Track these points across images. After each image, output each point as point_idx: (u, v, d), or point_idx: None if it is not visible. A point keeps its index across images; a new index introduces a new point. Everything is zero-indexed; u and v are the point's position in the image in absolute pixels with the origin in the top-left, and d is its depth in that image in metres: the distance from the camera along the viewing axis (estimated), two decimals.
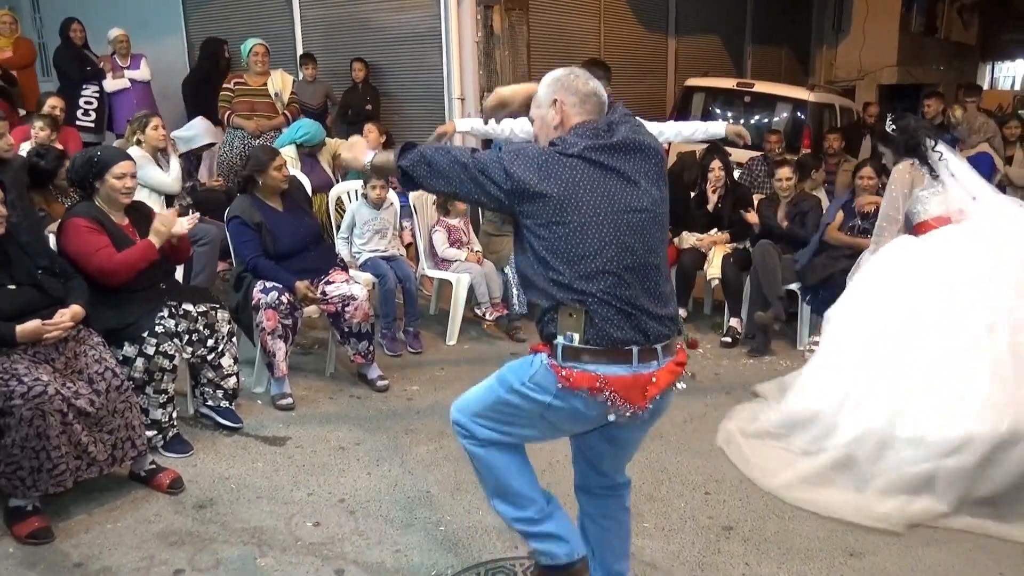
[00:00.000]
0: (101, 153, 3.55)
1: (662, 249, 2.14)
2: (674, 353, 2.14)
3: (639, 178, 2.09)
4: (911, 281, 3.61)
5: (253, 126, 6.23)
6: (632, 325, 2.05)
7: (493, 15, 6.99)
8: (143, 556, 2.82)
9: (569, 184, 2.03)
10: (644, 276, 2.08)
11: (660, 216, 2.13)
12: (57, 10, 7.92)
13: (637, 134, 2.14)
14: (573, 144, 2.08)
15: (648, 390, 2.06)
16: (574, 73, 2.19)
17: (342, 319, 4.17)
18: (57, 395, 2.81)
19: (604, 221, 2.03)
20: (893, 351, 3.45)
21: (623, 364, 2.04)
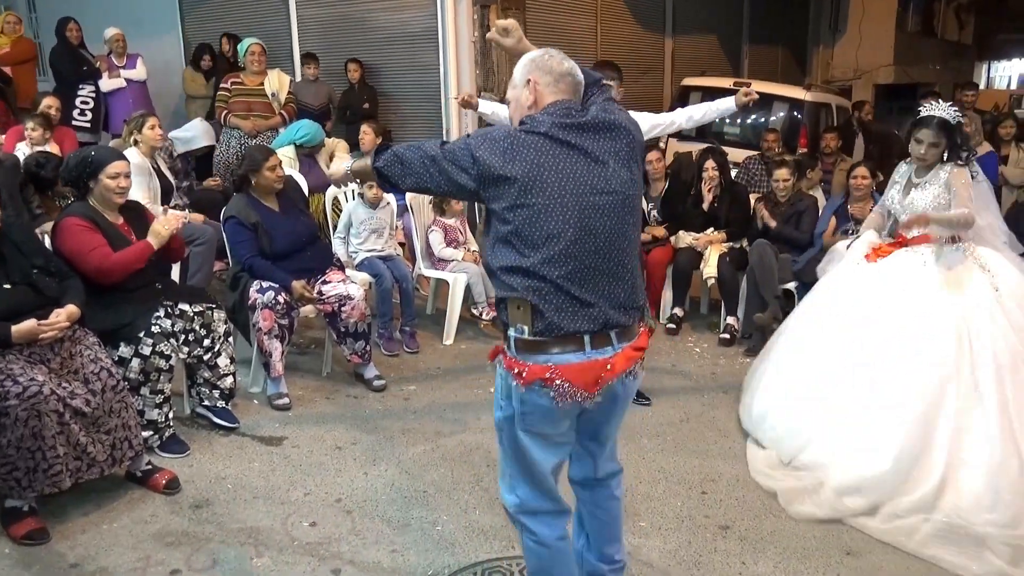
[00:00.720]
0: (95, 153, 3.54)
1: (632, 233, 2.09)
2: (632, 338, 2.09)
3: (607, 158, 2.04)
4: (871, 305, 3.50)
5: (250, 126, 6.23)
6: (587, 314, 2.01)
7: (490, 15, 6.99)
8: (139, 556, 2.82)
9: (533, 165, 1.99)
10: (608, 260, 2.03)
11: (630, 198, 2.08)
12: (53, 10, 7.90)
13: (609, 113, 2.09)
14: (541, 123, 2.04)
15: (602, 376, 2.03)
16: (548, 53, 2.16)
17: (339, 319, 4.17)
18: (52, 395, 2.80)
19: (568, 203, 1.99)
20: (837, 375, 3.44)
21: (575, 352, 2.02)
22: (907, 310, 3.37)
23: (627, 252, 2.08)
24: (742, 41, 11.31)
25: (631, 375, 2.11)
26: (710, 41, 10.70)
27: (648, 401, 4.13)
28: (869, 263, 3.59)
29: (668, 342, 5.15)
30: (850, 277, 3.66)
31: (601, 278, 2.03)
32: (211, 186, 5.95)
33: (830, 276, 3.86)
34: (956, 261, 3.44)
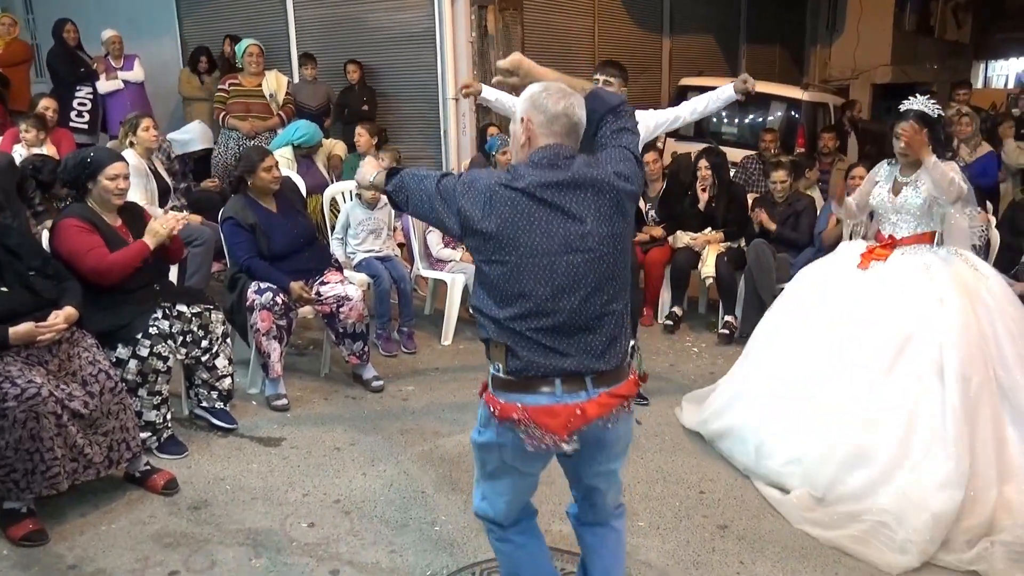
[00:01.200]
0: (94, 154, 3.54)
1: (611, 287, 2.02)
2: (613, 383, 2.03)
3: (586, 216, 1.98)
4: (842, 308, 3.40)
5: (248, 127, 6.23)
6: (560, 361, 1.99)
7: (487, 15, 7.00)
8: (138, 558, 2.82)
9: (508, 222, 1.98)
10: (584, 316, 1.99)
11: (608, 256, 2.01)
12: (50, 11, 7.89)
13: (593, 168, 2.03)
14: (521, 177, 2.00)
15: (571, 421, 1.98)
16: (548, 90, 2.08)
17: (337, 320, 4.17)
18: (51, 397, 2.80)
19: (541, 262, 1.97)
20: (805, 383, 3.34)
21: (545, 394, 2.00)
22: (913, 314, 3.22)
23: (607, 304, 2.02)
24: (740, 41, 11.32)
25: (610, 421, 2.04)
26: (708, 41, 10.71)
27: (647, 401, 4.13)
28: (862, 269, 3.46)
29: (666, 342, 5.15)
30: (844, 280, 3.51)
31: (576, 333, 2.01)
32: (209, 187, 5.95)
33: (814, 279, 3.67)
34: (955, 263, 3.35)
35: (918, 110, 3.38)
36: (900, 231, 3.46)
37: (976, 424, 3.03)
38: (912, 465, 2.99)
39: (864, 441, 3.10)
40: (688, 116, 4.08)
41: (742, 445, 3.44)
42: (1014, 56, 21.02)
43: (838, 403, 3.22)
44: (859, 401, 3.18)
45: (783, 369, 3.47)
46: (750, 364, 3.69)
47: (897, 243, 3.46)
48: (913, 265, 3.37)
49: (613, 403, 2.03)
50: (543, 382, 2.00)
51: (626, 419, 2.10)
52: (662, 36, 9.93)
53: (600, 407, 2.01)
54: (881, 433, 3.09)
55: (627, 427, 2.13)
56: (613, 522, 2.29)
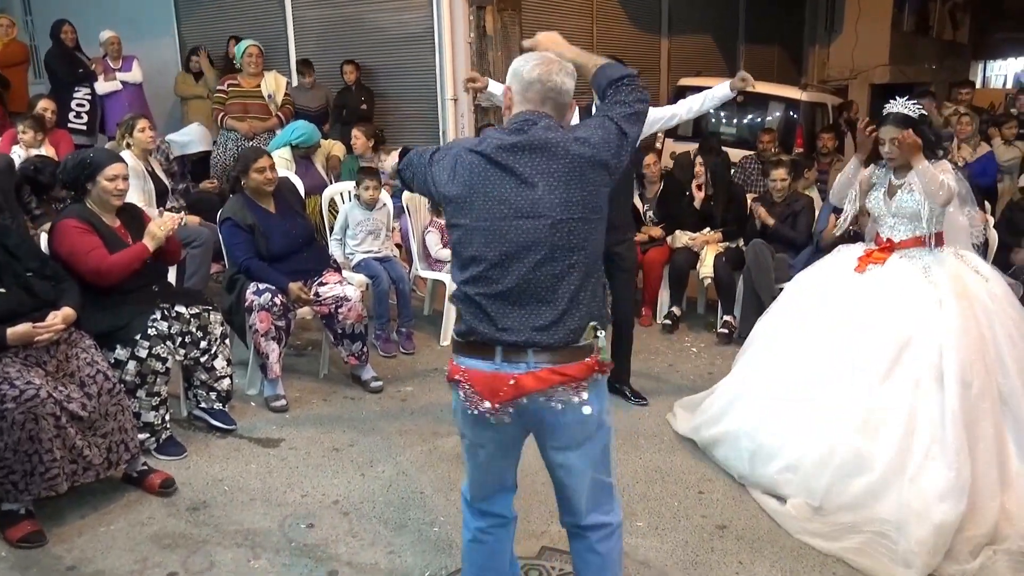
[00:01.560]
0: (94, 155, 3.55)
1: (567, 258, 1.98)
2: (556, 361, 1.98)
3: (537, 180, 1.96)
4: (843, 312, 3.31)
5: (246, 128, 6.23)
6: (501, 326, 1.99)
7: (486, 16, 7.00)
8: (136, 559, 2.82)
9: (467, 186, 2.01)
10: (534, 284, 1.98)
11: (563, 224, 1.96)
12: (48, 12, 7.89)
13: (550, 131, 2.00)
14: (484, 141, 2.03)
15: (504, 391, 1.97)
16: (526, 58, 2.10)
17: (335, 320, 4.17)
18: (49, 398, 2.80)
19: (491, 227, 1.98)
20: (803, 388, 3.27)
21: (485, 360, 2.01)
22: (912, 317, 3.14)
23: (561, 276, 1.98)
24: (738, 41, 11.32)
25: (552, 400, 2.00)
26: (706, 41, 10.71)
27: (645, 401, 4.14)
28: (859, 273, 3.39)
29: (665, 342, 5.16)
30: (842, 283, 3.43)
31: (524, 302, 1.99)
32: (207, 188, 5.95)
33: (812, 281, 3.61)
34: (954, 266, 3.28)
35: (897, 113, 3.33)
36: (897, 234, 3.39)
37: (977, 431, 2.97)
38: (912, 474, 2.92)
39: (862, 447, 3.04)
40: (685, 114, 4.09)
41: (736, 451, 3.37)
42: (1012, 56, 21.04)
43: (835, 407, 3.16)
44: (857, 406, 3.12)
45: (780, 372, 3.41)
46: (747, 368, 3.63)
47: (896, 246, 3.38)
48: (912, 268, 3.30)
49: (554, 380, 1.98)
50: (486, 348, 2.01)
51: (576, 407, 2.01)
52: (660, 36, 9.93)
53: (537, 381, 1.97)
54: (879, 439, 3.03)
55: (581, 417, 2.03)
56: (596, 544, 2.18)
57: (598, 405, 2.07)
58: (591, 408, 2.03)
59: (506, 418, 2.02)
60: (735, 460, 3.38)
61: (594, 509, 2.19)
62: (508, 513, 2.30)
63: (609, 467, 2.20)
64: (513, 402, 1.99)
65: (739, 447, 3.37)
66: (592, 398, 2.04)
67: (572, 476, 2.15)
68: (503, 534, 2.31)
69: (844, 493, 3.01)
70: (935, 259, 3.31)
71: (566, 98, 2.10)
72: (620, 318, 4.20)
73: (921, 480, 2.91)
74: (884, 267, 3.36)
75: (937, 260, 3.31)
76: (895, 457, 2.98)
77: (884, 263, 3.37)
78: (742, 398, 3.53)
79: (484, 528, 2.27)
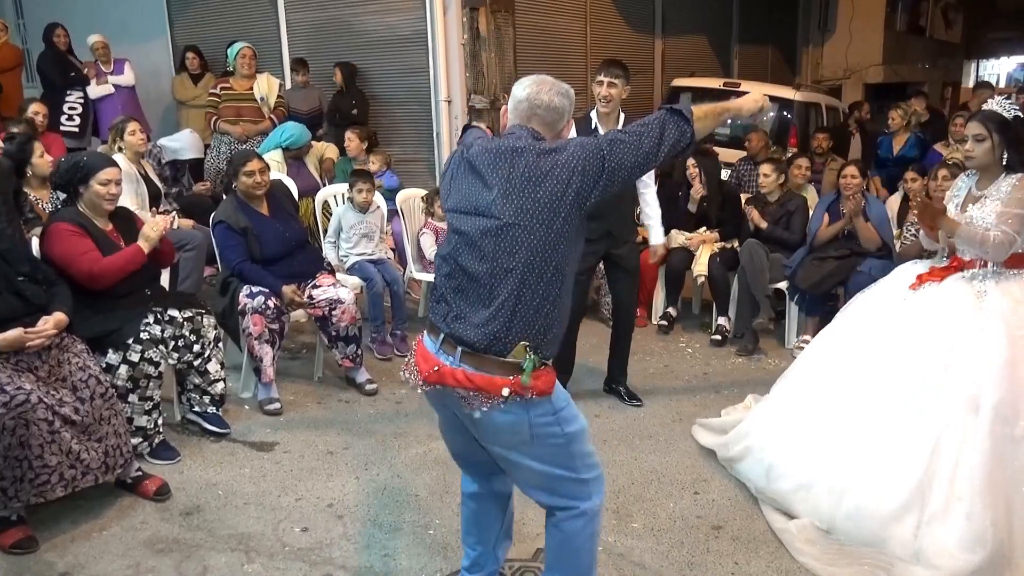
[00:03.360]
0: (87, 158, 3.52)
1: (511, 261, 2.03)
2: (479, 370, 2.04)
3: (495, 184, 2.06)
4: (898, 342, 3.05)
5: (239, 131, 6.23)
6: (447, 315, 2.12)
7: (479, 17, 6.98)
8: (129, 564, 2.80)
9: (448, 181, 2.23)
10: (477, 283, 2.07)
11: (514, 228, 2.02)
12: (41, 15, 7.85)
13: (516, 140, 2.11)
14: (474, 146, 2.19)
15: (430, 373, 2.11)
16: (523, 80, 2.23)
17: (329, 323, 4.16)
18: (40, 403, 2.78)
19: (455, 219, 2.16)
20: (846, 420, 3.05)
21: (432, 340, 2.16)
22: (950, 344, 2.89)
23: (498, 281, 2.04)
24: (731, 41, 11.33)
25: (466, 401, 2.06)
26: (700, 42, 10.72)
27: (640, 402, 4.13)
28: (913, 291, 3.11)
29: (660, 342, 5.15)
30: (892, 303, 3.19)
31: (468, 295, 2.09)
32: (200, 192, 5.94)
33: (867, 301, 3.35)
34: (1020, 295, 2.92)
35: (987, 110, 3.02)
36: (967, 253, 3.04)
37: (1016, 475, 2.70)
38: (932, 512, 2.72)
39: (880, 476, 2.85)
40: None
41: (755, 465, 3.25)
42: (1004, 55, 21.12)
43: (858, 432, 2.98)
44: (882, 433, 2.91)
45: (811, 391, 3.26)
46: (786, 384, 3.47)
47: (964, 265, 3.05)
48: (966, 291, 2.97)
49: (466, 384, 2.05)
50: (435, 330, 2.16)
51: (489, 416, 2.05)
52: (654, 37, 9.93)
53: (453, 379, 2.07)
54: (899, 469, 2.83)
55: (506, 421, 2.06)
56: (560, 523, 2.22)
57: (525, 418, 2.07)
58: (509, 417, 2.06)
59: (429, 396, 2.20)
60: (753, 473, 3.26)
61: (555, 496, 2.21)
62: (489, 489, 2.40)
63: (574, 464, 2.17)
64: (434, 386, 2.13)
65: (758, 460, 3.26)
66: (516, 409, 2.05)
67: (511, 469, 2.23)
68: (488, 503, 2.43)
69: (856, 521, 2.86)
70: (997, 284, 2.96)
71: (555, 115, 2.19)
72: (620, 320, 4.21)
73: (941, 520, 2.71)
74: (939, 287, 3.07)
75: (1000, 285, 2.96)
76: (914, 491, 2.78)
77: (941, 282, 3.07)
78: (770, 414, 3.44)
79: (469, 492, 2.45)
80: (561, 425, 2.12)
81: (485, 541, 2.45)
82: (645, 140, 2.06)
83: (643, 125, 2.09)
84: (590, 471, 2.21)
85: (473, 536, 2.46)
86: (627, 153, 2.06)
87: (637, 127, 2.10)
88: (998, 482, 2.70)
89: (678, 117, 2.10)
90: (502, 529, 2.48)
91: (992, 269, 3.00)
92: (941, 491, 2.74)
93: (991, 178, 3.04)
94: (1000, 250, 2.93)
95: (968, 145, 3.07)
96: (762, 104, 2.36)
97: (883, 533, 2.79)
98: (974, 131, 3.03)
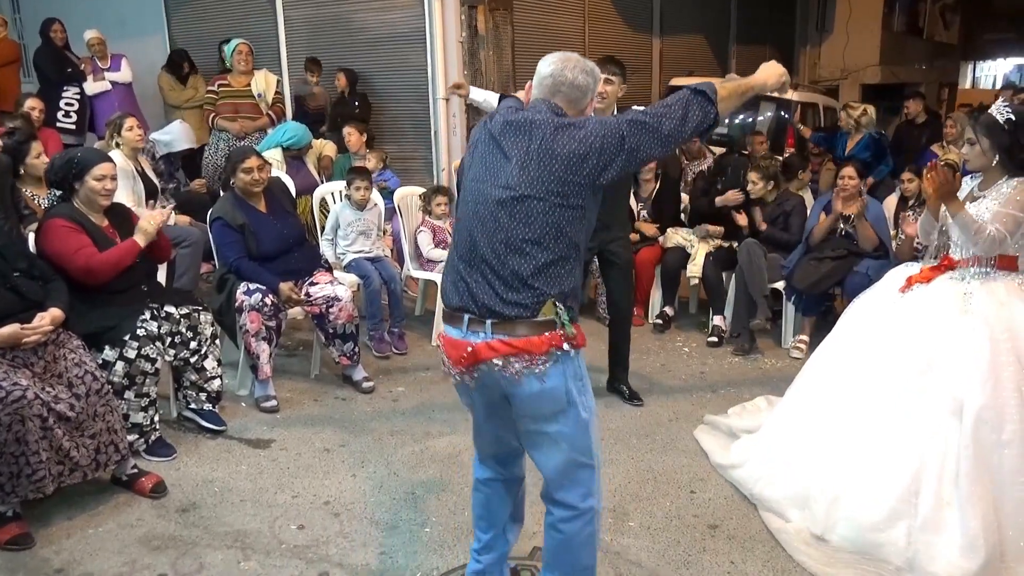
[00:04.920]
0: (81, 154, 3.52)
1: (527, 232, 2.07)
2: (513, 335, 2.07)
3: (513, 155, 2.10)
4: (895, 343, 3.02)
5: (237, 128, 6.21)
6: (468, 294, 2.12)
7: (477, 15, 6.98)
8: (125, 561, 2.80)
9: (469, 154, 2.25)
10: (493, 252, 2.09)
11: (526, 199, 2.06)
12: (38, 11, 7.83)
13: (536, 113, 2.14)
14: (495, 116, 2.22)
15: (464, 357, 2.11)
16: (549, 56, 2.24)
17: (326, 320, 4.15)
18: (36, 400, 2.78)
19: (474, 191, 2.16)
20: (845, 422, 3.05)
21: (456, 328, 2.15)
22: (933, 347, 2.89)
23: (517, 248, 2.07)
24: (729, 41, 11.34)
25: (506, 370, 2.08)
26: (697, 41, 10.72)
27: (641, 402, 4.13)
28: (903, 293, 3.11)
29: (657, 342, 5.16)
30: (884, 305, 3.18)
31: (484, 266, 2.11)
32: (196, 188, 5.93)
33: (862, 305, 3.34)
34: (1005, 296, 2.90)
35: (985, 115, 3.00)
36: (958, 252, 3.07)
37: (1005, 482, 2.69)
38: (923, 518, 2.73)
39: (870, 483, 2.85)
40: None
41: (750, 472, 3.27)
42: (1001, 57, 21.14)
43: (850, 438, 2.98)
44: (870, 438, 2.92)
45: (805, 398, 3.28)
46: (788, 393, 3.47)
47: (955, 264, 3.06)
48: (952, 291, 2.98)
49: (505, 350, 2.07)
50: (456, 317, 2.15)
51: (532, 379, 2.08)
52: (652, 36, 9.94)
53: (490, 350, 2.08)
54: (889, 474, 2.82)
55: (541, 389, 2.09)
56: (559, 523, 2.23)
57: (563, 381, 2.11)
58: (550, 382, 2.09)
59: (471, 383, 2.17)
60: (748, 480, 3.26)
61: (567, 487, 2.22)
62: (504, 475, 2.41)
63: (590, 449, 2.21)
64: (473, 369, 2.12)
65: (754, 467, 3.28)
66: (554, 372, 2.09)
67: (539, 450, 2.22)
68: (500, 489, 2.43)
69: (849, 527, 2.86)
70: (984, 284, 2.96)
71: (578, 93, 2.21)
72: (617, 315, 4.21)
73: (933, 527, 2.71)
74: (927, 287, 3.07)
75: (986, 286, 2.95)
76: (903, 498, 2.78)
77: (929, 282, 3.07)
78: (770, 421, 3.46)
79: (482, 479, 2.44)
80: (587, 395, 2.19)
81: (496, 524, 2.47)
82: (666, 122, 2.08)
83: (666, 106, 2.11)
84: (598, 459, 2.26)
85: (485, 520, 2.47)
86: (647, 134, 2.08)
87: (660, 108, 2.11)
88: (986, 487, 2.70)
89: (702, 98, 2.10)
90: (513, 512, 2.50)
91: (980, 270, 3.00)
92: (929, 497, 2.74)
93: (993, 180, 3.04)
94: (989, 245, 2.94)
95: (964, 149, 3.11)
96: (784, 77, 2.37)
97: (877, 540, 2.79)
98: (967, 135, 3.07)
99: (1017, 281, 2.97)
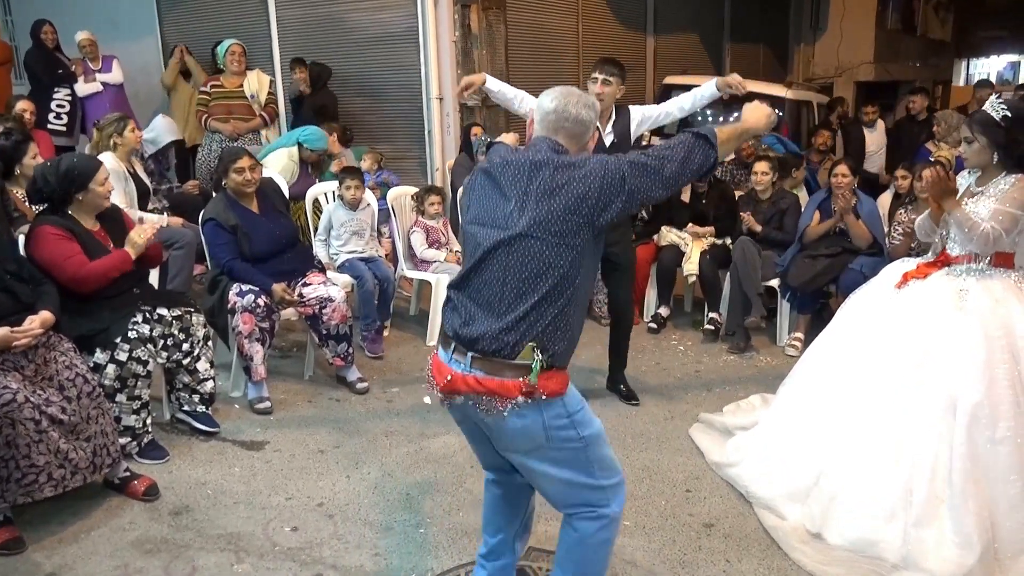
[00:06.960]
0: (77, 162, 3.40)
1: (522, 271, 2.05)
2: (489, 374, 2.05)
3: (512, 195, 2.10)
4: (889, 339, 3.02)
5: (230, 129, 6.20)
6: (459, 322, 2.12)
7: (470, 14, 6.96)
8: (117, 565, 2.78)
9: (468, 193, 2.25)
10: (489, 289, 2.09)
11: (524, 239, 2.04)
12: (29, 12, 7.79)
13: (538, 153, 2.14)
14: (494, 157, 2.22)
15: (444, 383, 2.12)
16: (551, 91, 2.24)
17: (320, 321, 4.13)
18: (27, 403, 2.75)
19: (470, 230, 2.18)
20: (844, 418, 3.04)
21: (444, 351, 2.17)
22: (927, 344, 2.88)
23: (512, 290, 2.06)
24: (723, 39, 11.33)
25: (479, 406, 2.07)
26: (692, 39, 10.72)
27: (637, 402, 4.13)
28: (898, 290, 3.10)
29: (652, 340, 5.15)
30: (880, 301, 3.17)
31: (477, 298, 2.11)
32: (189, 190, 5.90)
33: (857, 302, 3.32)
34: (1001, 293, 2.89)
35: (980, 112, 2.99)
36: (955, 248, 3.04)
37: (998, 479, 2.70)
38: (918, 515, 2.73)
39: (865, 481, 2.85)
40: (677, 113, 4.08)
41: (746, 470, 3.26)
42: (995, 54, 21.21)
43: (846, 436, 2.98)
44: (865, 436, 2.92)
45: (801, 396, 3.27)
46: (783, 390, 3.49)
47: (951, 261, 3.04)
48: (947, 287, 2.96)
49: (478, 389, 2.07)
50: (447, 341, 2.17)
51: (504, 419, 2.05)
52: (646, 35, 9.93)
53: (465, 384, 2.09)
54: (883, 473, 2.83)
55: (514, 428, 2.07)
56: (574, 522, 2.23)
57: (540, 420, 2.07)
58: (524, 421, 2.06)
59: (448, 408, 2.20)
60: (744, 478, 3.26)
61: (573, 502, 2.21)
62: (509, 480, 2.40)
63: (591, 470, 2.17)
64: (450, 395, 2.14)
65: (749, 465, 3.28)
66: (530, 412, 2.05)
67: (532, 477, 2.23)
68: (511, 492, 2.41)
69: (844, 525, 2.86)
70: (979, 281, 2.95)
71: (581, 128, 2.22)
72: (618, 316, 4.20)
73: (927, 523, 2.71)
74: (923, 283, 3.06)
75: (982, 283, 2.94)
76: (897, 494, 2.78)
77: (925, 278, 3.06)
78: (765, 420, 3.45)
79: (491, 478, 2.45)
80: (576, 428, 2.12)
81: (506, 529, 2.44)
82: (668, 165, 2.10)
83: (668, 148, 2.14)
84: (609, 477, 2.20)
85: (494, 524, 2.45)
86: (648, 176, 2.09)
87: (663, 150, 2.13)
88: (980, 484, 2.70)
89: (704, 142, 2.15)
90: (523, 520, 2.48)
91: (976, 266, 2.99)
92: (922, 494, 2.75)
93: (991, 176, 3.02)
94: (985, 242, 2.92)
95: (961, 147, 3.09)
96: (772, 117, 2.47)
97: (873, 537, 2.79)
98: (964, 134, 3.04)
99: (1013, 278, 2.96)
